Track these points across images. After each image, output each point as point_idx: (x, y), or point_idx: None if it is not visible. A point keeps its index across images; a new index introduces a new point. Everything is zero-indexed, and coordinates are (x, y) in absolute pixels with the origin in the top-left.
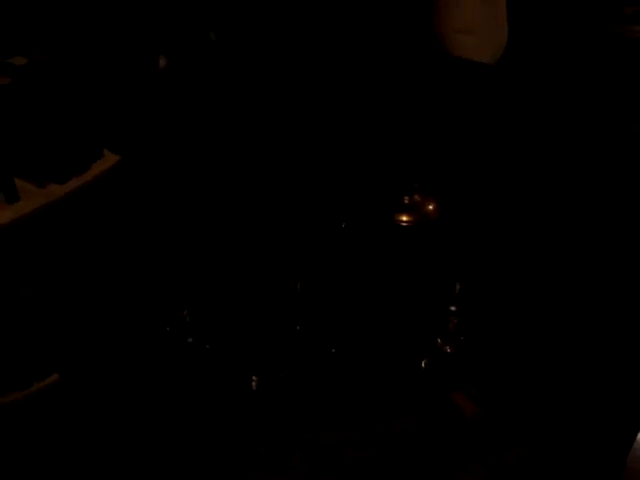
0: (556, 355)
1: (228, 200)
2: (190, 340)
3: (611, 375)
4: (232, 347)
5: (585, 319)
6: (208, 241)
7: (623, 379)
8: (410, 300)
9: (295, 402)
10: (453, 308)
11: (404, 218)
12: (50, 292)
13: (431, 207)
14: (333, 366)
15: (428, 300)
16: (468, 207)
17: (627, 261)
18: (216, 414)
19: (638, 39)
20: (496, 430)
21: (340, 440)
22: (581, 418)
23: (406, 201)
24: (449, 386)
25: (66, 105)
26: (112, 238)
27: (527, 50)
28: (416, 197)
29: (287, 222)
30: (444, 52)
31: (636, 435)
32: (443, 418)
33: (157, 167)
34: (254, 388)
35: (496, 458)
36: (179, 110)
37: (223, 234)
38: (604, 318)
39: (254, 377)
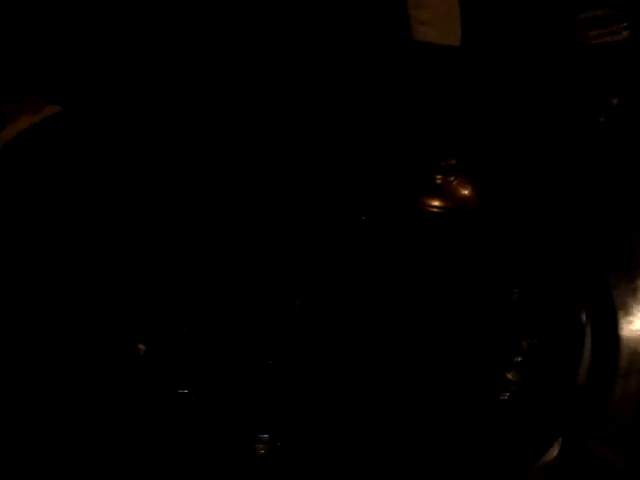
0: None
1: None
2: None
3: None
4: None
5: None
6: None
7: None
8: (455, 318)
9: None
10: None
11: (434, 203)
12: None
13: (470, 192)
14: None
15: (480, 314)
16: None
17: None
18: None
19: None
20: None
21: None
22: None
23: (438, 181)
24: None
25: None
26: None
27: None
28: (451, 178)
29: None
30: None
31: None
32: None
33: None
34: (262, 454)
35: None
36: None
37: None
38: None
39: (262, 438)
